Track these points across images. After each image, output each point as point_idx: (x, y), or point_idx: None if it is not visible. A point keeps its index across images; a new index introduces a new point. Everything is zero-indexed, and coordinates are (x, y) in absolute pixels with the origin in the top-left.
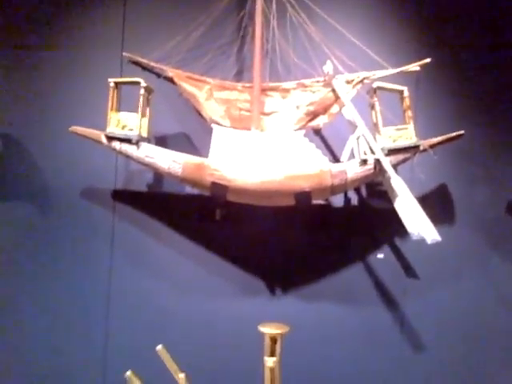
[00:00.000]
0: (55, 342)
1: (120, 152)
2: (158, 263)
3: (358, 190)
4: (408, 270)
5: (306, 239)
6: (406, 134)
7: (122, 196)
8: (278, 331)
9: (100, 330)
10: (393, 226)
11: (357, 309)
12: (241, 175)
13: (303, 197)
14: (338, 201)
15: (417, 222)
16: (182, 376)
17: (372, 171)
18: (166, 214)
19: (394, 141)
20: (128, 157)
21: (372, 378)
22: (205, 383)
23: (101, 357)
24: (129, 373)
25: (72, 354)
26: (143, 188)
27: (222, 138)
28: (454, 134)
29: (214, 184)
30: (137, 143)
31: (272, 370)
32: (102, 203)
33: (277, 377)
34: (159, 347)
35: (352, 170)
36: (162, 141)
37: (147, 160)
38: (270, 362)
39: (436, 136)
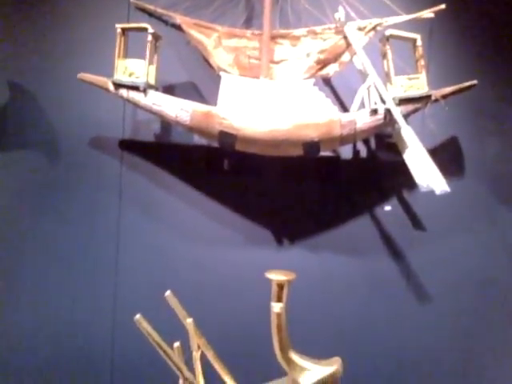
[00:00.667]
0: (64, 291)
1: (127, 100)
2: (166, 213)
3: (366, 142)
4: (415, 222)
5: (314, 191)
6: (418, 84)
7: (130, 146)
8: (285, 278)
9: (109, 278)
10: (401, 179)
11: (363, 260)
12: (249, 124)
13: (311, 147)
14: (346, 153)
15: (426, 173)
16: (189, 321)
17: (382, 121)
18: (174, 165)
19: (406, 90)
20: (135, 105)
21: (376, 329)
22: (212, 329)
23: (110, 305)
24: (138, 316)
25: (82, 302)
26: (151, 138)
27: (230, 87)
28: (467, 83)
29: (222, 133)
30: (144, 91)
31: (279, 315)
32: (110, 153)
33: (283, 323)
34: (168, 293)
35: (362, 119)
36: (169, 89)
37: (155, 108)
38: (276, 307)
39: (448, 86)
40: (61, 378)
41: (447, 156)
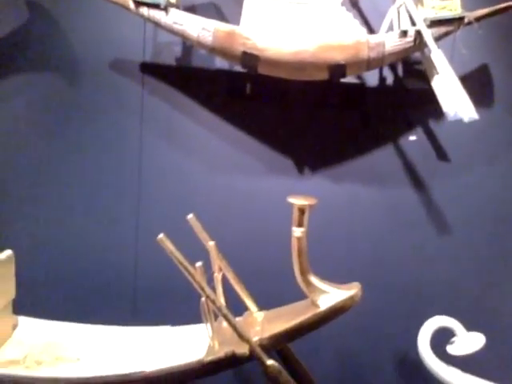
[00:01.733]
0: (87, 215)
1: (148, 18)
2: (187, 138)
3: (393, 69)
4: (440, 152)
5: (337, 119)
6: (451, 5)
7: (151, 69)
8: (307, 202)
9: (131, 202)
10: (428, 107)
11: (384, 190)
12: (273, 45)
13: (337, 70)
14: (371, 80)
15: (454, 100)
16: (211, 243)
17: (411, 44)
18: (195, 89)
19: (437, 12)
20: (156, 24)
21: (396, 258)
22: (233, 252)
23: (133, 227)
24: (161, 235)
25: (105, 225)
26: (172, 61)
27: (254, 6)
28: (503, 5)
29: (245, 54)
30: (165, 9)
31: (299, 239)
32: (131, 76)
33: (303, 247)
34: (190, 216)
35: (390, 42)
36: (191, 9)
37: (176, 27)
38: (297, 232)
39: (482, 8)
40: (84, 297)
41: (477, 84)
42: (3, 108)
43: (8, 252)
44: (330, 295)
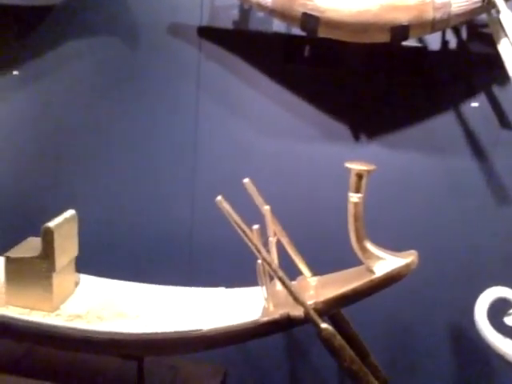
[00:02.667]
0: (145, 177)
1: None
2: (243, 103)
3: (457, 32)
4: (503, 119)
5: (397, 84)
6: None
7: (208, 33)
8: (365, 168)
9: (188, 164)
10: (492, 73)
11: (444, 158)
12: (335, 5)
13: (400, 32)
14: (434, 43)
15: None
16: (267, 208)
17: (479, 4)
18: (252, 53)
19: None
20: None
21: (453, 227)
22: (288, 217)
23: (189, 190)
24: (219, 197)
25: (162, 188)
26: (229, 25)
27: None
28: None
29: (305, 15)
30: None
31: (356, 205)
32: (188, 40)
33: (360, 213)
34: (246, 180)
35: (457, 2)
36: None
37: None
38: (354, 197)
39: None
40: (141, 257)
41: None
42: (64, 72)
43: (71, 211)
44: (386, 262)
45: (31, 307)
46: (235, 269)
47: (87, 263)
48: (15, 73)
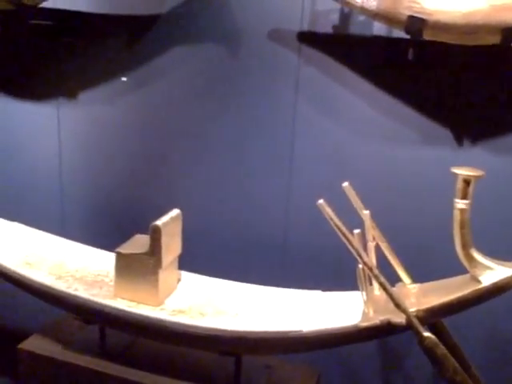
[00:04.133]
0: (240, 181)
1: None
2: (342, 106)
3: None
4: None
5: (503, 86)
6: None
7: (308, 38)
8: (473, 173)
9: (284, 166)
10: None
11: None
12: (442, 7)
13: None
14: None
15: None
16: (366, 212)
17: None
18: (352, 57)
19: None
20: None
21: None
22: (387, 222)
23: (285, 192)
24: (321, 201)
25: (257, 190)
26: (329, 30)
27: None
28: None
29: (411, 18)
30: None
31: (463, 211)
32: (288, 45)
33: (467, 219)
34: (345, 184)
35: None
36: None
37: None
38: (461, 204)
39: None
40: (236, 258)
41: None
42: (169, 78)
43: (177, 211)
44: (493, 271)
45: (138, 301)
46: (329, 272)
47: (186, 260)
48: (124, 79)
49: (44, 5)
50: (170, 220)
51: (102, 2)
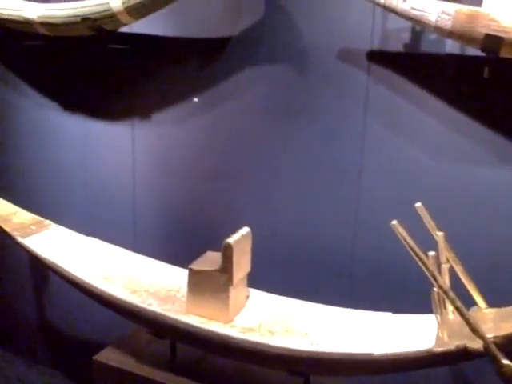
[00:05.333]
0: (308, 199)
1: (384, 6)
2: (413, 125)
3: None
4: None
5: None
6: None
7: (378, 57)
8: None
9: (352, 185)
10: None
11: None
12: None
13: None
14: None
15: None
16: (440, 234)
17: None
18: (423, 75)
19: None
20: (392, 11)
21: None
22: (461, 243)
23: (352, 211)
24: (395, 222)
25: (324, 206)
26: (400, 48)
27: None
28: None
29: (487, 36)
30: None
31: None
32: (357, 64)
33: None
34: (418, 204)
35: None
36: None
37: (413, 13)
38: None
39: None
40: (302, 276)
41: None
42: (239, 98)
43: (246, 229)
44: None
45: (209, 317)
46: (399, 293)
47: (254, 278)
48: (195, 100)
49: (122, 30)
50: (240, 238)
51: (176, 26)
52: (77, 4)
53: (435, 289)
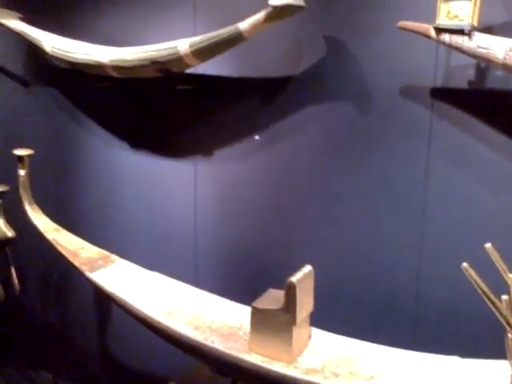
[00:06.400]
0: (369, 239)
1: (449, 44)
2: (478, 162)
3: None
4: None
5: None
6: None
7: (441, 94)
8: None
9: (415, 224)
10: None
11: None
12: None
13: None
14: None
15: None
16: (511, 276)
17: None
18: (490, 111)
19: None
20: (457, 49)
21: None
22: None
23: (416, 251)
24: (465, 264)
25: (386, 245)
26: (464, 85)
27: None
28: None
29: None
30: (469, 33)
31: None
32: (420, 101)
33: None
34: (488, 245)
35: None
36: (488, 31)
37: (479, 51)
38: None
39: None
40: (364, 316)
41: None
42: (301, 136)
43: (309, 267)
44: None
45: (271, 356)
46: (467, 336)
47: (316, 317)
48: (257, 137)
49: (186, 71)
50: (303, 276)
51: (238, 66)
52: (146, 48)
53: (510, 335)
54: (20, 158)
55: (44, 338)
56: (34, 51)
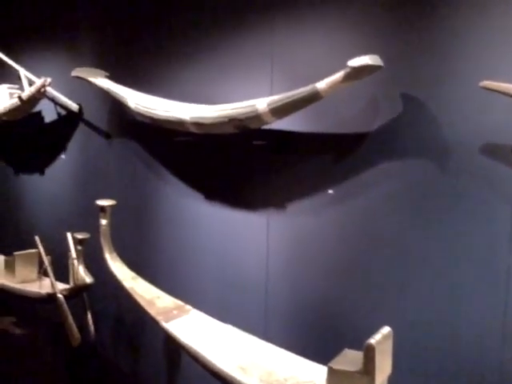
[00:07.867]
0: (447, 292)
1: None
2: None
3: None
4: None
5: None
6: None
7: None
8: None
9: (501, 287)
10: None
11: None
12: None
13: None
14: None
15: None
16: None
17: None
18: None
19: None
20: None
21: None
22: None
23: (500, 316)
24: None
25: (468, 311)
26: None
27: None
28: None
29: None
30: None
31: None
32: (503, 159)
33: None
34: None
35: None
36: None
37: None
38: None
39: None
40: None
41: None
42: (373, 192)
43: (387, 328)
44: None
45: None
46: None
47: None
48: (330, 192)
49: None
50: (382, 338)
51: (314, 122)
52: (226, 106)
53: None
54: (102, 208)
55: None
56: (117, 107)
